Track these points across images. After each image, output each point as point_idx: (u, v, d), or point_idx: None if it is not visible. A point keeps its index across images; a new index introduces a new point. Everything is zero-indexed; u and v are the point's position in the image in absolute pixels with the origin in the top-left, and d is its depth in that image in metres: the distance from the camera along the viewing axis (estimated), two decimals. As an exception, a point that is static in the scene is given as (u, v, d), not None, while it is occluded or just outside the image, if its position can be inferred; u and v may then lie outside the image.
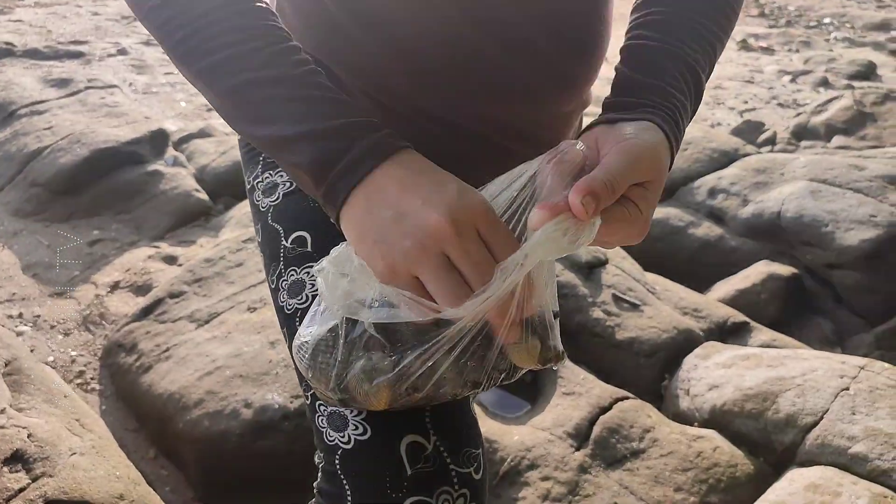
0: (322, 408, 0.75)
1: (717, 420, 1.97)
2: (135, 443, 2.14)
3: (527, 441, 1.91)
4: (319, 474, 0.77)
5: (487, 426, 1.95)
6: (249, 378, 2.02)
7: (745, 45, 7.03)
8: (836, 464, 1.74)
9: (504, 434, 1.94)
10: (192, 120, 4.30)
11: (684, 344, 2.24)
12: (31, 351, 2.31)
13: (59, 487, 1.42)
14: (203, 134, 3.91)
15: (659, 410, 2.09)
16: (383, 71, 0.79)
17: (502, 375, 0.66)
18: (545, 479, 1.82)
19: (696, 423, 2.02)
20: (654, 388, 2.18)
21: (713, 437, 1.93)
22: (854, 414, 1.82)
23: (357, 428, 0.72)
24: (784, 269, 2.61)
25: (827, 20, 8.29)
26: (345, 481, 0.73)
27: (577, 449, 1.89)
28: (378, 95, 0.82)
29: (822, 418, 1.83)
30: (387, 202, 0.60)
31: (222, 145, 3.74)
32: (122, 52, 5.31)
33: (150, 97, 4.59)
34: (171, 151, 3.66)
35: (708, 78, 0.75)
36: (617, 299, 2.35)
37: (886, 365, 1.99)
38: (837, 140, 3.75)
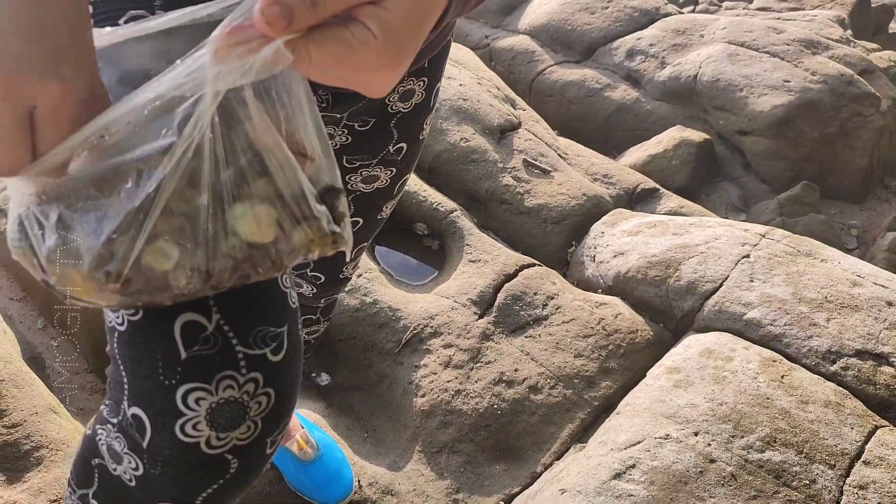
0: None
1: (621, 287, 1.98)
2: (21, 312, 2.02)
3: (430, 309, 1.87)
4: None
5: (390, 294, 1.91)
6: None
7: None
8: (731, 329, 1.77)
9: (408, 302, 1.90)
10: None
11: (593, 211, 2.21)
12: None
13: (-82, 368, 1.31)
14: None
15: (564, 277, 2.08)
16: None
17: (249, 267, 0.53)
18: (447, 346, 1.81)
19: (599, 290, 2.02)
20: (561, 255, 2.17)
21: (616, 303, 1.94)
22: (752, 281, 1.84)
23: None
24: (696, 135, 2.58)
25: None
26: (122, 367, 0.66)
27: (481, 316, 1.87)
28: None
29: (721, 285, 1.85)
30: None
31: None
32: None
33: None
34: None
35: None
36: (528, 165, 2.29)
37: (786, 232, 2.01)
38: (760, 0, 3.67)
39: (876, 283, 1.83)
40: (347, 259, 1.16)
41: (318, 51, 0.44)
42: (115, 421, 0.67)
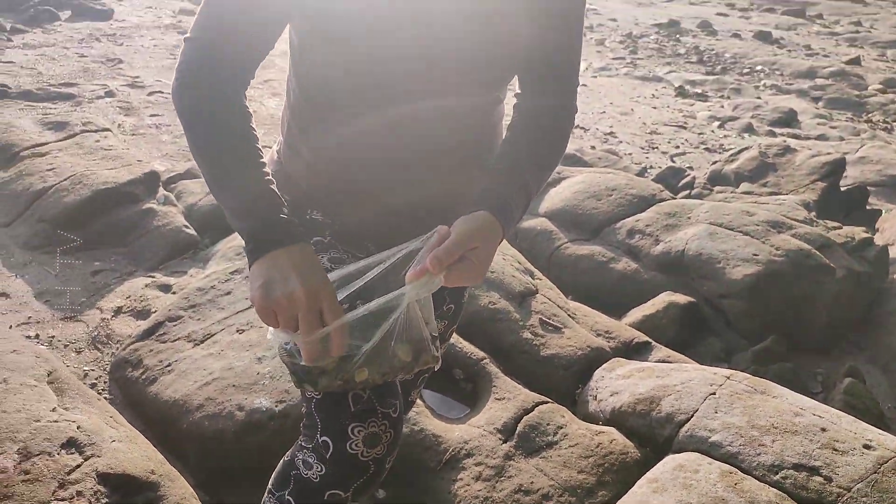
0: None
1: (616, 419, 2.49)
2: (142, 442, 2.57)
3: (465, 436, 2.40)
4: (305, 417, 1.29)
5: (434, 425, 2.44)
6: (241, 387, 2.48)
7: (681, 92, 7.70)
8: (699, 450, 2.26)
9: (447, 431, 2.43)
10: (178, 161, 4.76)
11: (595, 359, 2.77)
12: (55, 365, 2.75)
13: (106, 464, 1.89)
14: (189, 175, 4.38)
15: (573, 413, 2.60)
16: (359, 186, 1.32)
17: (400, 372, 1.14)
18: (478, 464, 2.32)
19: (600, 422, 2.53)
20: (570, 395, 2.70)
21: (612, 432, 2.45)
22: (716, 412, 2.35)
23: None
24: (682, 299, 3.16)
25: (759, 67, 9.03)
26: (317, 417, 1.25)
27: (505, 441, 2.39)
28: (350, 192, 1.33)
29: (692, 416, 2.36)
30: (278, 271, 1.06)
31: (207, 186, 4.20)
32: (110, 94, 5.76)
33: (139, 138, 5.05)
34: (161, 191, 4.12)
35: (538, 186, 1.26)
36: (543, 323, 2.87)
37: (747, 375, 2.53)
38: (744, 186, 4.35)
39: (814, 415, 2.32)
40: (416, 384, 1.75)
41: (451, 276, 1.06)
42: (310, 446, 1.25)
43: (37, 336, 3.04)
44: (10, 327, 3.06)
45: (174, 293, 3.40)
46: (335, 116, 1.27)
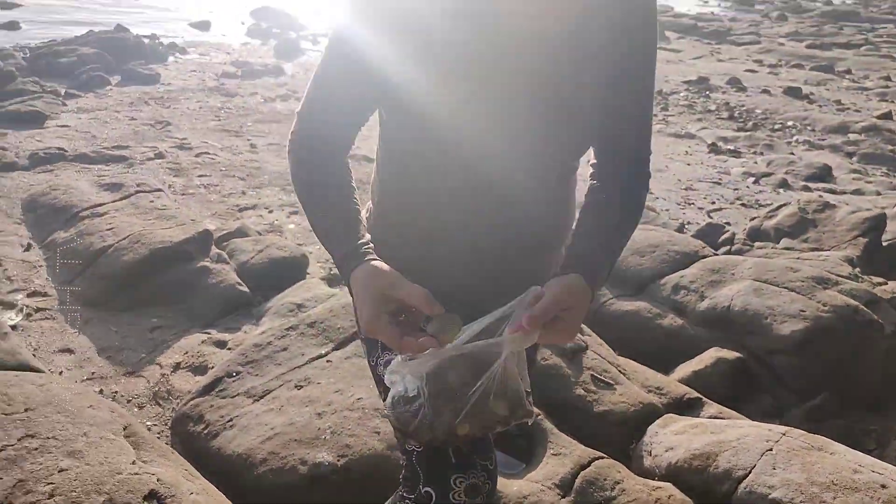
0: None
1: (672, 474, 2.52)
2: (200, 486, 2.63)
3: (524, 490, 2.44)
4: (403, 469, 1.36)
5: (492, 479, 2.49)
6: (303, 442, 2.55)
7: (714, 148, 7.78)
8: (759, 506, 2.28)
9: (506, 486, 2.47)
10: (227, 220, 4.91)
11: (648, 415, 2.80)
12: (121, 420, 2.83)
13: (186, 516, 1.96)
14: (240, 233, 4.53)
15: (628, 468, 2.63)
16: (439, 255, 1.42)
17: (498, 426, 1.19)
18: (538, 520, 2.35)
19: (656, 478, 2.56)
20: (624, 450, 2.73)
21: (668, 487, 2.47)
22: (774, 469, 2.37)
23: None
24: (730, 355, 3.19)
25: (790, 123, 9.11)
26: (419, 468, 1.33)
27: (563, 496, 2.42)
28: (428, 253, 1.43)
29: (750, 472, 2.38)
30: (354, 292, 1.19)
31: (258, 244, 4.35)
32: (160, 155, 5.97)
33: (189, 198, 5.22)
34: (214, 249, 4.26)
35: (621, 249, 1.35)
36: (595, 379, 2.92)
37: (803, 432, 2.55)
38: (785, 242, 4.39)
39: (873, 471, 2.34)
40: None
41: (545, 334, 1.14)
42: (412, 496, 1.32)
43: (101, 391, 3.14)
44: (76, 382, 3.16)
45: (230, 349, 3.49)
46: (410, 179, 1.41)
